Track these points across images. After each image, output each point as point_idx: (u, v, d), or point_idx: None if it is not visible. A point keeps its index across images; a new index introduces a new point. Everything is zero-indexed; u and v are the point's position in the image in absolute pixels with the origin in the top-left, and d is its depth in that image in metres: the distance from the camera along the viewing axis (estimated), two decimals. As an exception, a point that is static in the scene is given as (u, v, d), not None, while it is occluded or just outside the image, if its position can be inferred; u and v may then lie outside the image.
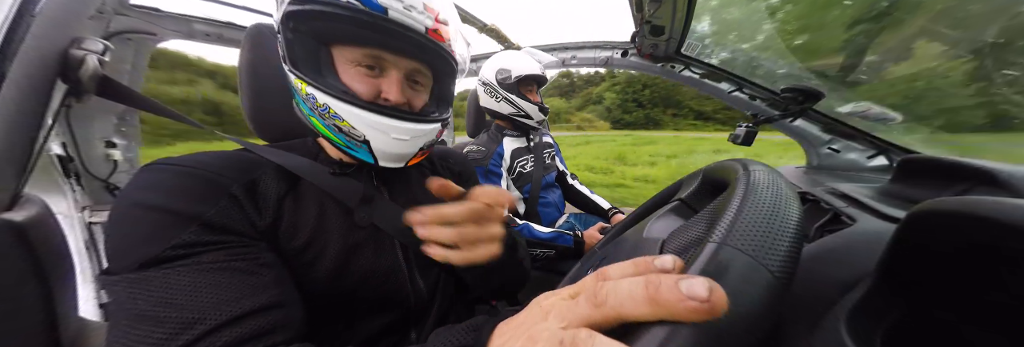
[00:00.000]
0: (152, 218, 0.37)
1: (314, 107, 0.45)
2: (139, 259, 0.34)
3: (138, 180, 0.39)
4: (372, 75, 0.47)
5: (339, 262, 0.48)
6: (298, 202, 0.48)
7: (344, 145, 0.48)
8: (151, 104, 0.55)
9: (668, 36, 1.30)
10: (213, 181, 0.41)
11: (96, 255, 1.09)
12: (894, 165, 1.11)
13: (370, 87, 0.47)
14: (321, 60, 0.47)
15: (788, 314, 0.48)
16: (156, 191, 0.38)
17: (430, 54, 0.48)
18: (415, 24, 0.44)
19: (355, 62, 0.47)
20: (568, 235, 1.18)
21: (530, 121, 1.32)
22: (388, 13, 0.42)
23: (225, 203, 0.40)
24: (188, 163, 0.41)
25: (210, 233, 0.38)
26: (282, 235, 0.45)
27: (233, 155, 0.47)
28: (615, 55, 1.64)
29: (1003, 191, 0.59)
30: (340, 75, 0.47)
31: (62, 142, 1.47)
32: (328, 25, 0.44)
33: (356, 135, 0.46)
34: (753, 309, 0.20)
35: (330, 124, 0.46)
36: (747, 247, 0.23)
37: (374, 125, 0.45)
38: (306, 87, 0.44)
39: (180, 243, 0.36)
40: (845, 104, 1.35)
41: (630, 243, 0.52)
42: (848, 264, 0.50)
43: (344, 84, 0.47)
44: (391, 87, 0.47)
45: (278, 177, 0.48)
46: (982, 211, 0.29)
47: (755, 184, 0.31)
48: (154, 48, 1.55)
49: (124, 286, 0.34)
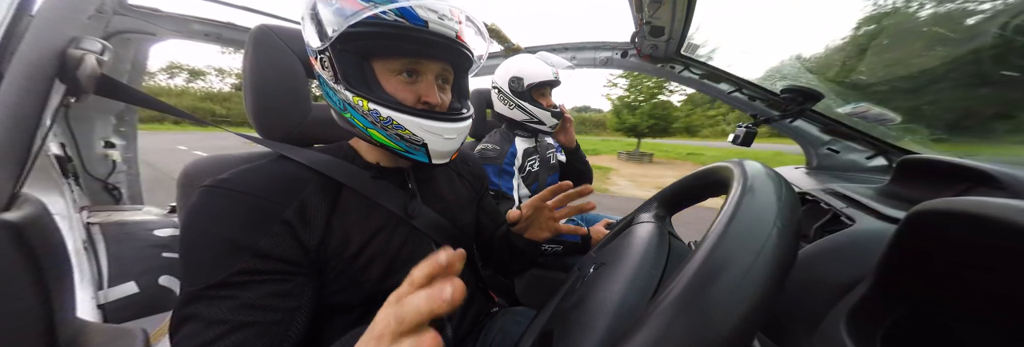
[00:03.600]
0: (213, 246, 0.43)
1: (376, 120, 0.50)
2: (207, 281, 0.41)
3: (198, 205, 0.45)
4: (410, 82, 0.52)
5: (388, 262, 0.54)
6: (345, 215, 0.53)
7: (404, 150, 0.53)
8: (153, 101, 0.55)
9: (668, 37, 1.30)
10: (265, 209, 0.46)
11: (94, 256, 1.09)
12: (893, 166, 1.11)
13: (411, 94, 0.52)
14: (366, 75, 0.51)
15: (788, 314, 0.48)
16: (215, 219, 0.44)
17: (456, 55, 0.54)
18: (448, 32, 0.49)
19: (395, 72, 0.51)
20: None
21: (543, 127, 1.32)
22: (429, 26, 0.47)
23: (277, 229, 0.46)
24: (240, 186, 0.46)
25: (262, 261, 0.44)
26: (333, 249, 0.50)
27: (276, 171, 0.51)
28: (615, 56, 1.64)
29: (1002, 192, 0.59)
30: (384, 86, 0.51)
31: (61, 142, 1.47)
32: (375, 42, 0.49)
33: (416, 140, 0.51)
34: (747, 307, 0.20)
35: (393, 134, 0.51)
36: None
37: (431, 129, 0.51)
38: (368, 104, 0.49)
39: (238, 271, 0.42)
40: (845, 105, 1.35)
41: (631, 237, 0.52)
42: (848, 264, 0.50)
43: (390, 94, 0.51)
44: (429, 90, 0.53)
45: (321, 191, 0.52)
46: (982, 211, 0.29)
47: (751, 185, 0.31)
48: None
49: (196, 299, 0.41)
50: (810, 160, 1.50)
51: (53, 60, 0.46)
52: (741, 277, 0.22)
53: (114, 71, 1.54)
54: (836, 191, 0.84)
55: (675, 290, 0.23)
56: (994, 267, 0.31)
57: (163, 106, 0.57)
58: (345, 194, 0.54)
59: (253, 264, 0.43)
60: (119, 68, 1.56)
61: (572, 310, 0.42)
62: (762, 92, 1.42)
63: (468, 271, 0.72)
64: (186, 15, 1.48)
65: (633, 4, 1.16)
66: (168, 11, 1.43)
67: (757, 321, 0.21)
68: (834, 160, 1.42)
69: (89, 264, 1.02)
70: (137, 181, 1.88)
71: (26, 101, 0.43)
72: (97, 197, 1.69)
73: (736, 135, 1.36)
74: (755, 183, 0.32)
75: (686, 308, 0.21)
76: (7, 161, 0.43)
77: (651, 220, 0.58)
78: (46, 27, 0.46)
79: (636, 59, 1.58)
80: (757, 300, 0.21)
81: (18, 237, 0.40)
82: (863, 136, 1.34)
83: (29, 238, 0.41)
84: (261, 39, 0.61)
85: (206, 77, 61.98)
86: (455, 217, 0.67)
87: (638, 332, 0.22)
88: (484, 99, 1.50)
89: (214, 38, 1.55)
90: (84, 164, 1.63)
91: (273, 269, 0.45)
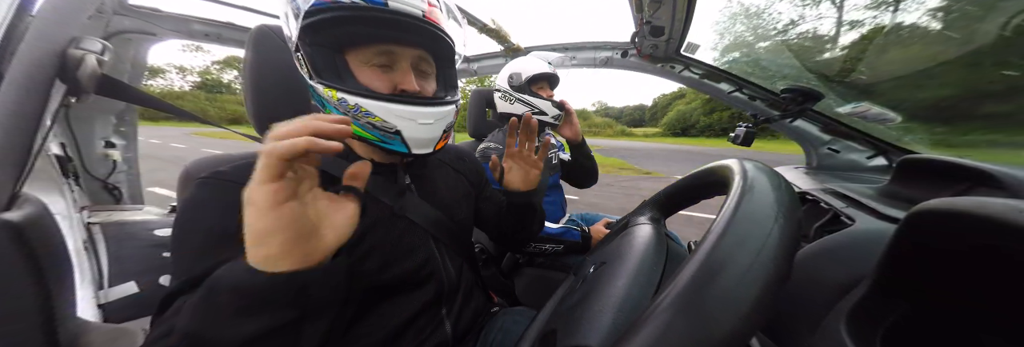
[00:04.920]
0: (203, 236, 0.42)
1: (347, 110, 0.49)
2: (204, 269, 0.39)
3: (193, 196, 0.44)
4: (385, 71, 0.52)
5: (385, 252, 0.54)
6: None
7: (379, 140, 0.52)
8: (153, 100, 0.56)
9: (668, 37, 1.30)
10: None
11: (95, 256, 1.09)
12: (893, 165, 1.11)
13: (387, 83, 0.52)
14: (339, 68, 0.51)
15: (788, 314, 0.49)
16: (208, 209, 0.44)
17: (429, 38, 0.53)
18: (412, 10, 0.48)
19: (368, 62, 0.51)
20: (575, 230, 1.19)
21: (546, 117, 1.32)
22: (388, 4, 0.46)
23: None
24: (235, 177, 0.45)
25: None
26: None
27: None
28: (615, 56, 1.64)
29: (1002, 192, 0.59)
30: (358, 78, 0.51)
31: (61, 142, 1.47)
32: (338, 30, 0.48)
33: (388, 127, 0.50)
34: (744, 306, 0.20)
35: (364, 123, 0.50)
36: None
37: (402, 114, 0.50)
38: (337, 93, 0.48)
39: (224, 261, 0.39)
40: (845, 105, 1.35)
41: (630, 237, 0.52)
42: (848, 264, 0.50)
43: (364, 85, 0.51)
44: (404, 77, 0.52)
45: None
46: (982, 211, 0.29)
47: (751, 185, 0.31)
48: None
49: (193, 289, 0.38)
50: (810, 160, 1.50)
51: (53, 60, 0.46)
52: (741, 277, 0.22)
53: (114, 71, 1.54)
54: (836, 191, 0.84)
55: (675, 290, 0.23)
56: (994, 267, 0.31)
57: (165, 105, 0.57)
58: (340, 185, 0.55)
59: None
60: (119, 68, 1.56)
61: (574, 309, 0.42)
62: (762, 92, 1.42)
63: (467, 270, 0.72)
64: (186, 15, 1.48)
65: (633, 4, 1.16)
66: (168, 11, 1.43)
67: (757, 320, 0.21)
68: (834, 160, 1.42)
69: (89, 264, 1.02)
70: (137, 181, 1.88)
71: (26, 101, 0.43)
72: (97, 197, 1.69)
73: (736, 135, 1.36)
74: (755, 183, 0.32)
75: (686, 308, 0.21)
76: (7, 161, 0.43)
77: (651, 220, 0.58)
78: (46, 27, 0.46)
79: (636, 59, 1.58)
80: (757, 299, 0.21)
81: (18, 237, 0.40)
82: (863, 136, 1.34)
83: (29, 238, 0.41)
84: (261, 39, 0.61)
85: (166, 75, 61.67)
86: (452, 212, 0.68)
87: (639, 331, 0.22)
88: (485, 99, 1.50)
89: (214, 38, 1.56)
90: (84, 164, 1.62)
91: None
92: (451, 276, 0.65)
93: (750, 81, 1.43)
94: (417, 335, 0.58)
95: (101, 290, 1.00)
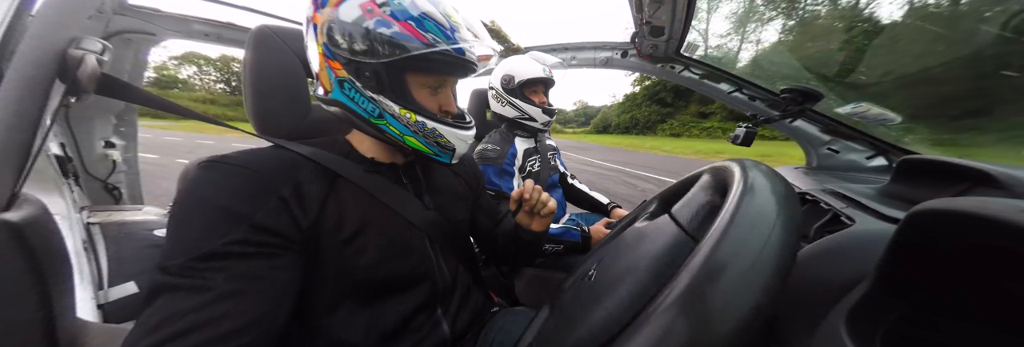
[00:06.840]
0: (209, 215, 0.42)
1: (420, 130, 0.55)
2: (199, 250, 0.40)
3: (198, 177, 0.45)
4: (432, 93, 0.58)
5: (381, 248, 0.56)
6: (340, 199, 0.55)
7: (435, 154, 0.59)
8: (154, 99, 0.55)
9: (668, 37, 1.30)
10: (264, 182, 0.47)
11: (94, 256, 1.09)
12: (893, 166, 1.11)
13: (435, 104, 0.58)
14: (405, 87, 0.55)
15: (788, 314, 0.48)
16: (215, 189, 0.44)
17: (471, 70, 0.60)
18: (476, 56, 0.56)
19: (425, 85, 0.57)
20: (575, 230, 1.19)
21: (534, 123, 1.32)
22: (466, 54, 0.54)
23: (274, 204, 0.46)
24: (241, 162, 0.47)
25: (257, 233, 0.43)
26: (326, 230, 0.52)
27: (275, 154, 0.53)
28: (615, 56, 1.64)
29: (1002, 192, 0.59)
30: (416, 97, 0.56)
31: (61, 142, 1.47)
32: (420, 63, 0.52)
33: (449, 146, 0.59)
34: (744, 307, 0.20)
35: (432, 142, 0.57)
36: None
37: (460, 137, 0.59)
38: (416, 116, 0.54)
39: (230, 240, 0.41)
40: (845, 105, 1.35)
41: (630, 237, 0.52)
42: (848, 264, 0.50)
43: (423, 105, 0.57)
44: (448, 101, 0.60)
45: (317, 176, 0.53)
46: (982, 211, 0.29)
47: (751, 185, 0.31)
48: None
49: (177, 271, 0.39)
50: (810, 160, 1.50)
51: (53, 60, 0.45)
52: (741, 277, 0.22)
53: (114, 71, 1.54)
54: (836, 191, 0.84)
55: (676, 290, 0.23)
56: (994, 267, 0.31)
57: (166, 105, 0.57)
58: (341, 183, 0.56)
59: (248, 235, 0.42)
60: (119, 68, 1.56)
61: (575, 309, 0.42)
62: (762, 92, 1.42)
63: (464, 270, 0.72)
64: (186, 15, 1.48)
65: (633, 4, 1.16)
66: (168, 11, 1.44)
67: (758, 320, 0.21)
68: (834, 160, 1.42)
69: (89, 264, 1.02)
70: (137, 181, 1.88)
71: (26, 101, 0.43)
72: (97, 197, 1.69)
73: (736, 135, 1.36)
74: (755, 183, 0.32)
75: (687, 308, 0.21)
76: (7, 161, 0.43)
77: (651, 220, 0.58)
78: (46, 27, 0.46)
79: (636, 59, 1.58)
80: (757, 300, 0.21)
81: (18, 237, 0.40)
82: (863, 136, 1.34)
83: (29, 238, 0.40)
84: (261, 39, 0.61)
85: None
86: (450, 213, 0.69)
87: (640, 331, 0.22)
88: (483, 99, 1.50)
89: (214, 38, 1.56)
90: (84, 164, 1.63)
91: (266, 242, 0.44)
92: (446, 277, 0.65)
93: (750, 81, 1.43)
94: (414, 335, 0.59)
95: (101, 290, 1.00)
